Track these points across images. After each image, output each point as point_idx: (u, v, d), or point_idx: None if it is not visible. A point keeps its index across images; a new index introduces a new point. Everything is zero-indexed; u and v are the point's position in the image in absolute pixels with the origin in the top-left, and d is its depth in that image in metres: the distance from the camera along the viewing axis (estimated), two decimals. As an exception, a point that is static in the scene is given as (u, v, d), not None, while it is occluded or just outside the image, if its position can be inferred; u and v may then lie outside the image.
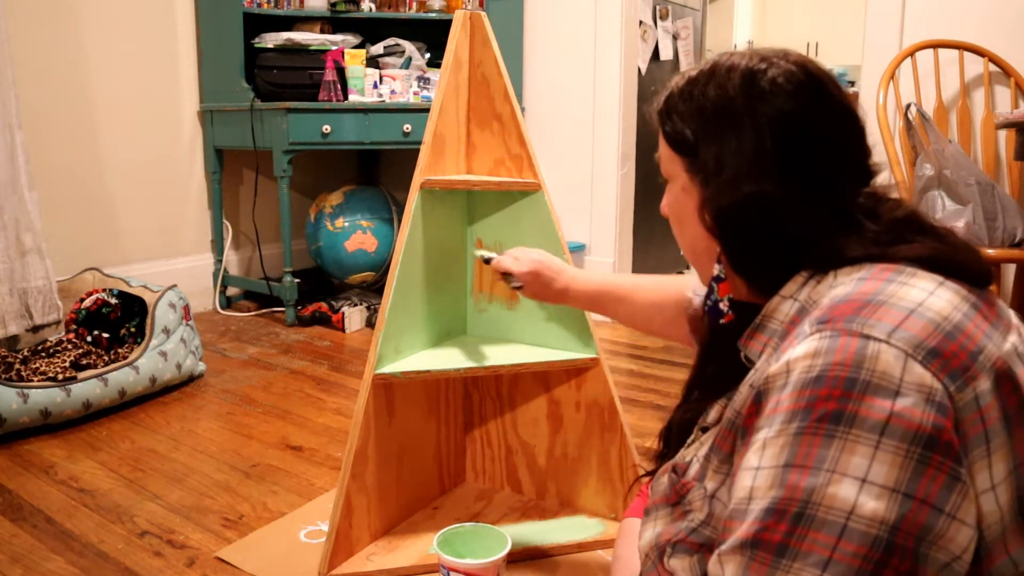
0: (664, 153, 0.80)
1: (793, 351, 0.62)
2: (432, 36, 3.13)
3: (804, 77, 0.72)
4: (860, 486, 0.56)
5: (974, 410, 0.58)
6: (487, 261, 1.32)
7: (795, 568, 0.57)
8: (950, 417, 0.57)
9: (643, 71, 3.24)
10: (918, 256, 0.67)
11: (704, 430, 0.80)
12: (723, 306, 0.79)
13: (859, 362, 0.58)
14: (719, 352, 0.83)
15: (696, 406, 0.84)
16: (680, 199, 0.79)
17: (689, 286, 1.12)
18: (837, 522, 0.56)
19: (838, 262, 0.69)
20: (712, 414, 0.79)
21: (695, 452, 0.79)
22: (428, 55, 3.11)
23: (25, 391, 1.84)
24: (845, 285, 0.66)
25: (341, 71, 2.81)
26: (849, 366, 0.58)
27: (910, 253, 0.67)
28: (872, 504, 0.56)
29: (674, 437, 0.86)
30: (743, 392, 0.69)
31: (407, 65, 3.02)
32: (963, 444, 0.57)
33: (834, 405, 0.58)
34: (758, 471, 0.61)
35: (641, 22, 3.17)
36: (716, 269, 0.78)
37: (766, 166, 0.70)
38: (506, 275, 1.29)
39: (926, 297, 0.62)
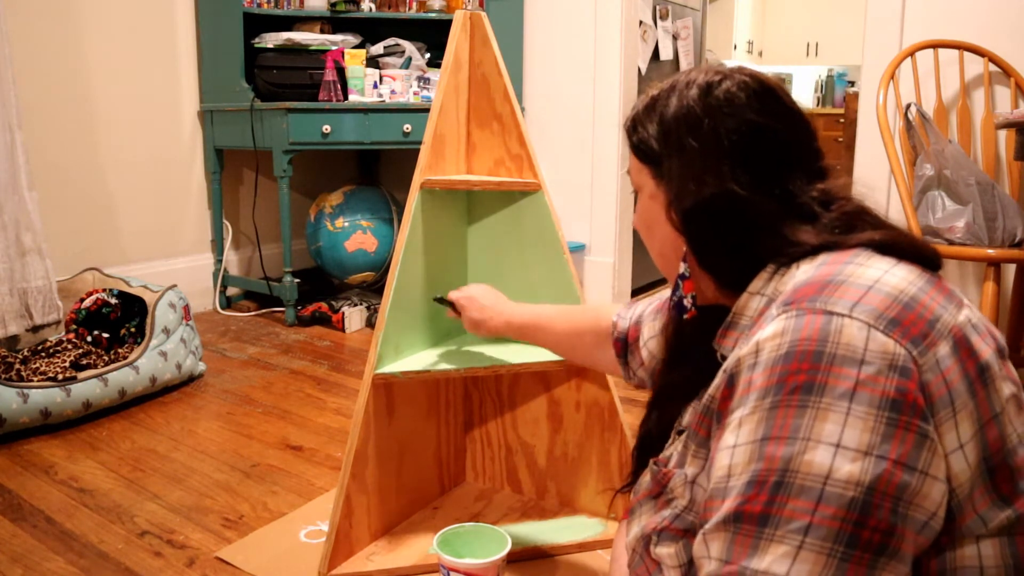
0: (633, 165, 0.87)
1: (762, 332, 0.66)
2: (432, 36, 3.13)
3: (756, 86, 0.79)
4: (835, 451, 0.59)
5: (937, 373, 0.62)
6: (441, 300, 1.40)
7: (778, 536, 0.59)
8: (914, 379, 0.60)
9: (643, 71, 3.24)
10: (872, 241, 0.71)
11: (680, 432, 0.82)
12: (687, 302, 0.84)
13: (824, 336, 0.62)
14: (686, 356, 0.89)
15: (669, 412, 0.87)
16: (649, 207, 0.86)
17: (609, 312, 1.17)
18: (815, 488, 0.59)
19: (798, 253, 0.73)
20: (687, 416, 0.81)
21: (674, 448, 0.81)
22: (428, 55, 3.11)
23: (25, 391, 1.84)
24: (807, 272, 0.70)
25: (341, 71, 2.81)
26: (816, 340, 0.62)
27: (864, 239, 0.72)
28: (847, 467, 0.59)
29: (652, 447, 0.88)
30: (717, 378, 0.71)
31: (407, 65, 3.02)
32: (929, 404, 0.61)
33: (804, 377, 0.61)
34: (735, 448, 0.64)
35: (641, 22, 3.17)
36: (681, 267, 0.83)
37: (725, 165, 0.77)
38: (444, 301, 1.38)
39: (882, 275, 0.66)
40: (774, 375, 0.63)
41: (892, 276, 0.66)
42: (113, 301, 2.32)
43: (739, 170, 0.76)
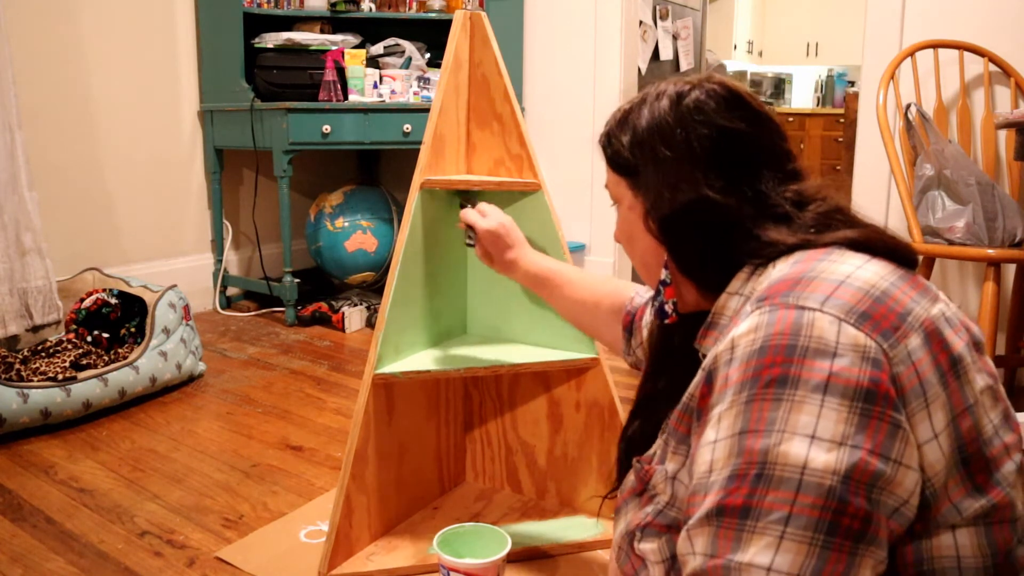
0: (610, 178, 0.88)
1: (736, 329, 0.67)
2: (432, 36, 3.13)
3: (725, 93, 0.81)
4: (810, 442, 0.60)
5: (908, 364, 0.63)
6: (463, 205, 1.34)
7: (759, 527, 0.60)
8: (885, 371, 0.62)
9: (643, 71, 3.24)
10: (846, 239, 0.73)
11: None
12: (668, 308, 0.86)
13: (797, 330, 0.63)
14: (668, 365, 0.91)
15: (654, 418, 0.88)
16: (628, 218, 0.87)
17: (631, 289, 1.19)
18: (793, 478, 0.60)
19: (774, 253, 0.75)
20: (673, 418, 0.81)
21: (656, 446, 0.83)
22: (428, 55, 3.11)
23: (25, 391, 1.84)
24: (781, 270, 0.72)
25: (341, 71, 2.81)
26: (788, 334, 0.64)
27: (839, 237, 0.73)
28: (823, 457, 0.60)
29: (636, 452, 0.88)
30: (696, 377, 0.73)
31: (407, 65, 3.02)
32: (901, 395, 0.62)
33: (778, 371, 0.63)
34: (716, 444, 0.65)
35: (641, 22, 3.17)
36: (663, 274, 0.85)
37: (699, 171, 0.78)
38: (468, 228, 1.31)
39: (854, 270, 0.68)
40: (749, 369, 0.64)
41: (864, 271, 0.68)
42: (113, 301, 2.32)
43: (712, 175, 0.78)
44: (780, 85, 7.14)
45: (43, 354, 2.17)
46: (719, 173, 0.78)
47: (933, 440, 0.63)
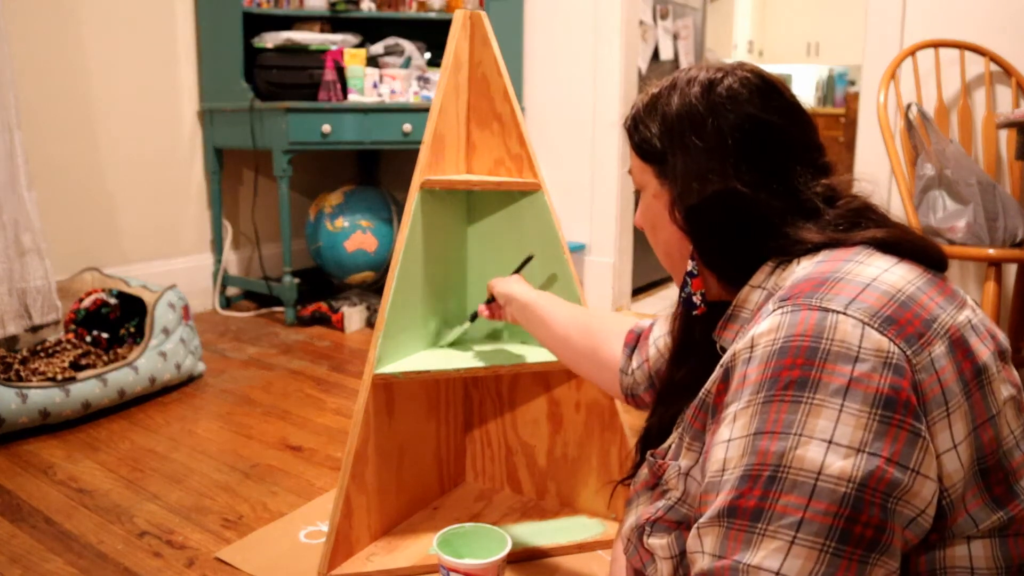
0: (635, 164, 0.86)
1: (757, 327, 0.66)
2: (432, 36, 3.12)
3: (758, 82, 0.79)
4: (827, 447, 0.59)
5: (931, 372, 0.61)
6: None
7: (770, 531, 0.59)
8: (907, 378, 0.60)
9: (643, 71, 3.24)
10: (874, 239, 0.71)
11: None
12: (696, 299, 0.83)
13: (819, 332, 0.62)
14: (689, 355, 0.89)
15: (674, 407, 0.87)
16: (652, 206, 0.85)
17: (631, 319, 1.16)
18: (807, 483, 0.59)
19: (800, 249, 0.73)
20: (689, 413, 0.81)
21: (672, 440, 0.82)
22: (428, 55, 3.11)
23: (24, 391, 1.84)
24: (806, 268, 0.70)
25: (341, 71, 2.80)
26: (810, 336, 0.62)
27: (867, 237, 0.71)
28: (839, 463, 0.59)
29: (654, 441, 0.88)
30: (714, 372, 0.71)
31: (407, 65, 3.01)
32: (922, 403, 0.61)
33: (798, 373, 0.61)
34: (730, 443, 0.64)
35: (641, 22, 3.17)
36: (689, 265, 0.82)
37: (729, 163, 0.76)
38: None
39: (880, 273, 0.66)
40: (768, 370, 0.63)
41: (890, 275, 0.66)
42: (112, 301, 2.32)
43: (743, 167, 0.76)
44: (780, 85, 7.13)
45: (42, 354, 2.17)
46: (750, 165, 0.76)
47: (952, 450, 0.61)
